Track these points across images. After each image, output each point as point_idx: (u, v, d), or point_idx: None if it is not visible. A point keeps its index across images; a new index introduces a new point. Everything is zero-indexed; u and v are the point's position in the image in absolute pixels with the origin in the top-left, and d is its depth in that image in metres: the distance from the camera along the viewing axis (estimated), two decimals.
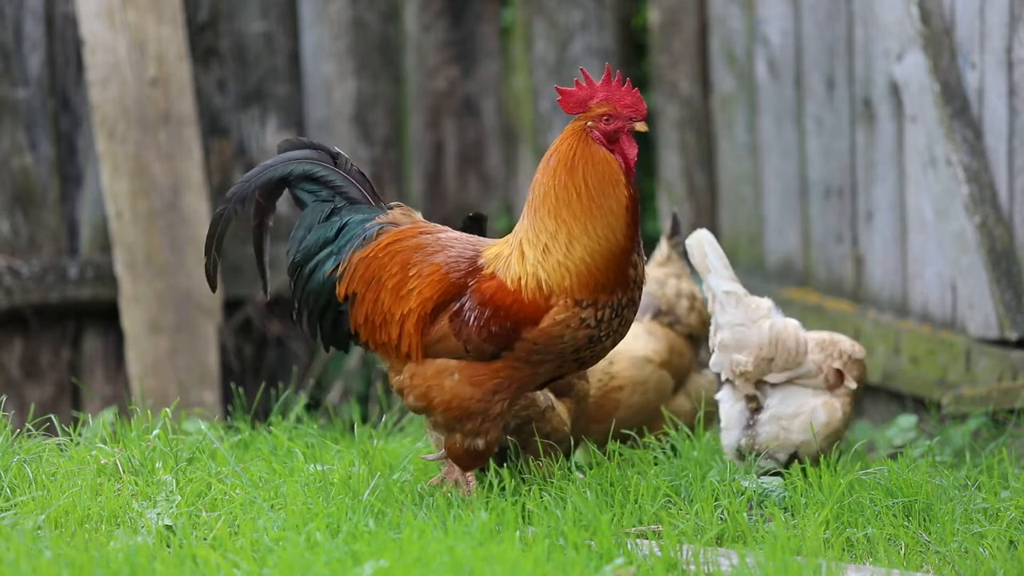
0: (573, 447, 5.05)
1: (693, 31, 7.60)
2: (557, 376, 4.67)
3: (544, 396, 4.92)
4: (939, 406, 6.30)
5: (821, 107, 6.99)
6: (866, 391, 6.69)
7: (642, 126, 4.57)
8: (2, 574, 4.07)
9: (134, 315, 7.29)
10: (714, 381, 5.42)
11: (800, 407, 5.17)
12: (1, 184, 7.25)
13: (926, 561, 4.49)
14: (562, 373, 4.65)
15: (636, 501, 4.67)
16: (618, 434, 5.43)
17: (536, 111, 7.85)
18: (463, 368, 4.59)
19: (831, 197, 6.98)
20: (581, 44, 7.77)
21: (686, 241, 5.28)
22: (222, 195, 7.56)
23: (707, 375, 5.66)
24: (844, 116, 6.89)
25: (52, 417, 5.44)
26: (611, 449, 5.24)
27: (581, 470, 5.20)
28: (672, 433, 5.37)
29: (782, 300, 6.09)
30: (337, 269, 4.71)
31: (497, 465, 4.79)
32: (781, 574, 4.14)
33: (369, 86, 7.77)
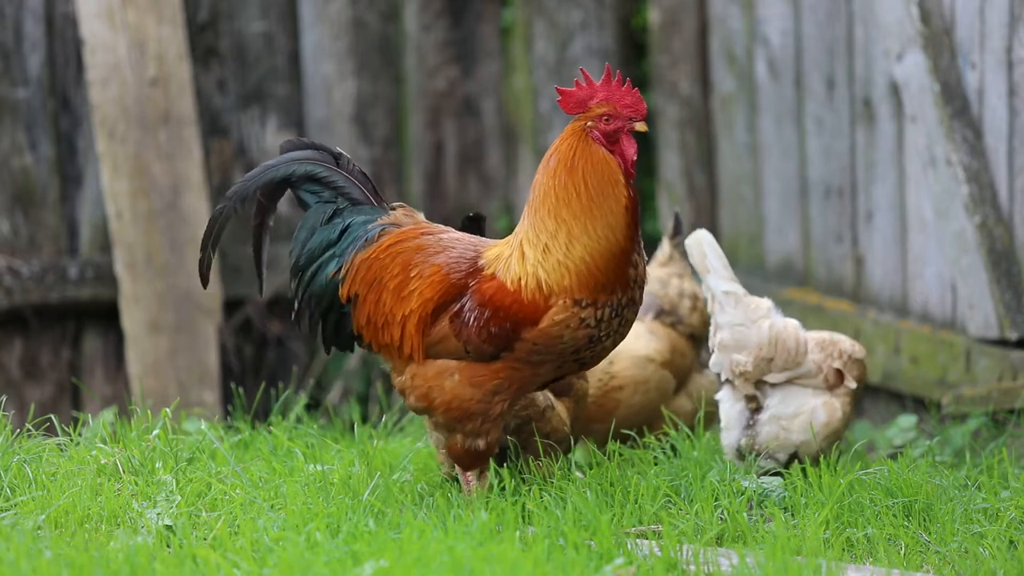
0: (572, 446, 5.05)
1: (693, 31, 7.60)
2: (558, 377, 4.66)
3: (544, 396, 4.92)
4: (939, 406, 6.29)
5: (821, 107, 6.99)
6: (866, 391, 6.69)
7: (642, 126, 4.57)
8: (2, 574, 4.07)
9: (134, 315, 7.29)
10: (716, 381, 5.42)
11: (800, 407, 5.16)
12: (1, 184, 7.24)
13: (926, 561, 4.49)
14: (563, 374, 4.65)
15: (636, 501, 4.66)
16: (618, 434, 5.42)
17: (536, 111, 7.84)
18: (463, 369, 4.59)
19: (831, 197, 6.98)
20: (581, 44, 7.77)
21: (685, 241, 5.27)
22: (222, 195, 7.55)
23: (709, 375, 5.65)
24: (844, 116, 6.89)
25: (52, 417, 5.43)
26: (611, 449, 5.24)
27: (581, 470, 5.20)
28: (672, 433, 5.37)
29: (782, 300, 6.10)
30: (340, 271, 4.70)
31: (497, 465, 4.79)
32: (781, 574, 4.13)
33: (369, 86, 7.77)
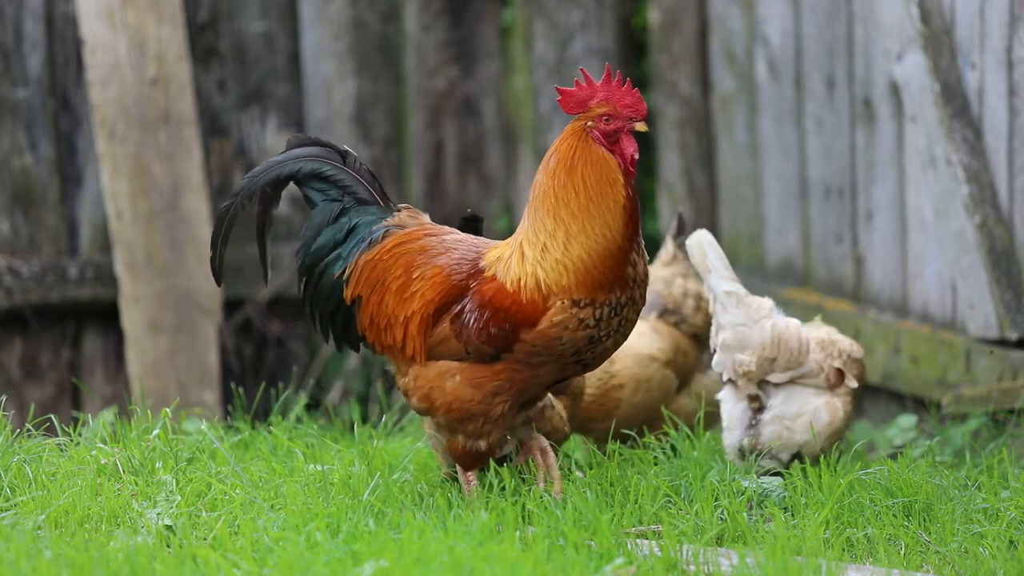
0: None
1: (693, 31, 7.60)
2: (561, 379, 4.65)
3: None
4: (939, 406, 6.29)
5: (821, 107, 6.99)
6: (866, 391, 6.69)
7: (642, 126, 4.56)
8: (2, 574, 4.07)
9: (134, 315, 7.29)
10: (718, 381, 5.42)
11: (803, 407, 5.16)
12: (1, 184, 7.24)
13: (926, 561, 4.49)
14: (566, 376, 4.64)
15: (636, 501, 4.66)
16: (618, 434, 5.42)
17: (536, 111, 7.84)
18: (464, 370, 4.58)
19: (831, 197, 6.98)
20: (581, 44, 7.77)
21: (686, 242, 5.27)
22: (222, 195, 7.56)
23: (712, 375, 5.63)
24: (844, 116, 6.89)
25: (52, 417, 5.43)
26: (611, 449, 5.24)
27: (581, 470, 5.20)
28: (672, 433, 5.36)
29: (782, 300, 6.09)
30: (344, 272, 4.70)
31: (497, 465, 4.79)
32: (781, 574, 4.13)
33: (369, 86, 7.77)
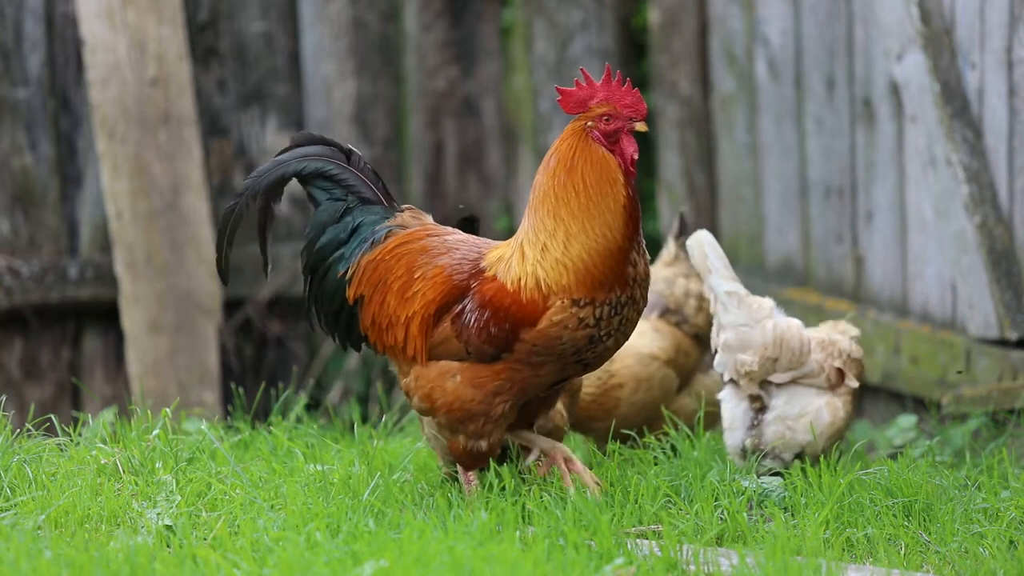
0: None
1: (693, 31, 7.60)
2: (563, 379, 4.65)
3: None
4: (939, 406, 6.29)
5: (821, 107, 6.99)
6: (866, 391, 6.69)
7: (642, 126, 4.56)
8: (2, 574, 4.07)
9: (134, 315, 7.29)
10: (720, 382, 5.41)
11: (805, 407, 5.16)
12: (1, 184, 7.24)
13: (926, 561, 4.49)
14: (567, 376, 4.63)
15: (636, 501, 4.66)
16: (618, 434, 5.42)
17: (536, 111, 7.84)
18: (465, 370, 4.59)
19: (831, 197, 6.98)
20: (581, 44, 7.77)
21: (686, 242, 5.27)
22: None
23: (714, 375, 5.63)
24: (844, 116, 6.89)
25: (52, 417, 5.43)
26: (611, 449, 5.24)
27: None
28: (672, 433, 5.36)
29: (782, 300, 6.09)
30: (347, 272, 4.71)
31: (497, 465, 4.79)
32: (781, 574, 4.13)
33: (369, 86, 7.77)
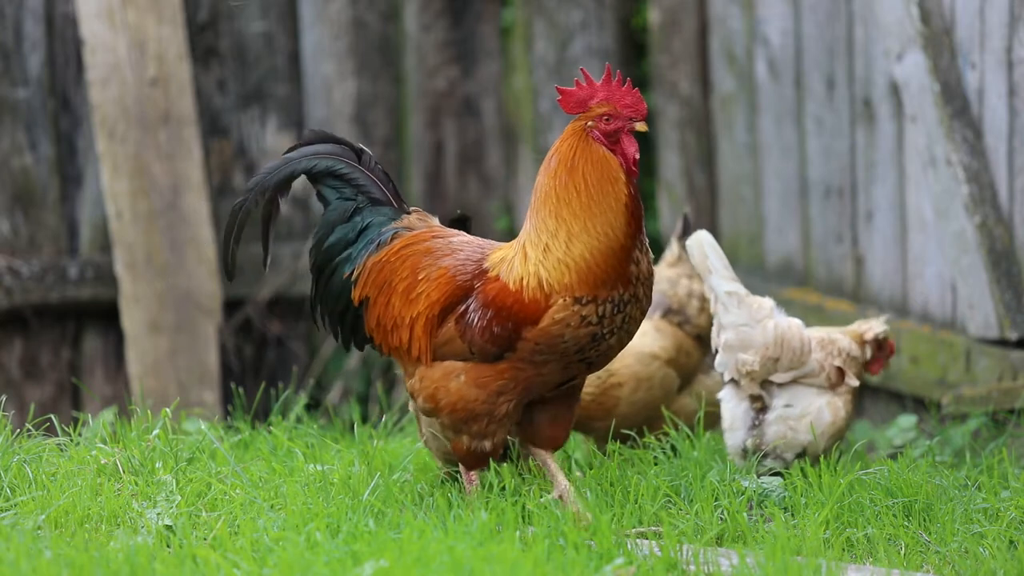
0: None
1: (693, 31, 7.60)
2: (566, 379, 4.64)
3: None
4: (939, 406, 6.29)
5: (821, 107, 6.99)
6: (866, 391, 6.69)
7: (642, 126, 4.56)
8: (2, 574, 4.07)
9: (134, 315, 7.29)
10: (721, 382, 5.41)
11: (807, 407, 5.16)
12: (1, 184, 7.24)
13: (926, 561, 4.49)
14: (571, 375, 4.63)
15: (636, 501, 4.66)
16: (618, 433, 5.42)
17: (536, 111, 7.84)
18: (469, 370, 4.59)
19: (831, 197, 6.98)
20: (581, 44, 7.77)
21: (686, 242, 5.27)
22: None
23: (715, 376, 5.62)
24: (844, 116, 6.89)
25: (52, 417, 5.43)
26: (611, 449, 5.24)
27: (581, 470, 5.20)
28: (672, 433, 5.36)
29: (782, 300, 6.08)
30: (353, 273, 4.71)
31: (497, 464, 4.79)
32: (781, 574, 4.13)
33: (369, 86, 7.77)
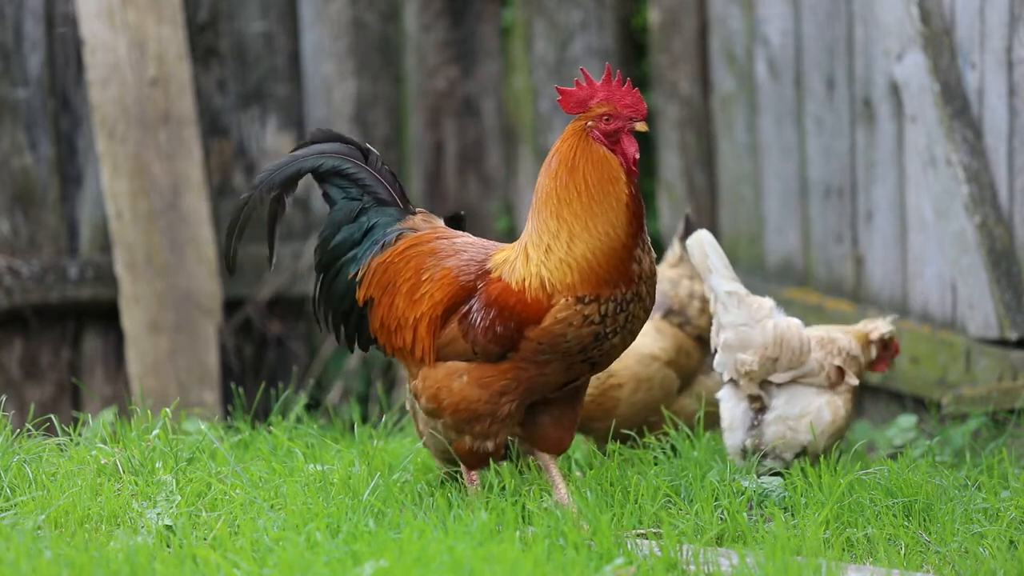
0: None
1: (693, 31, 7.60)
2: (570, 379, 4.64)
3: None
4: (939, 406, 6.29)
5: (821, 107, 6.99)
6: (866, 391, 6.69)
7: (642, 126, 4.56)
8: (2, 574, 4.07)
9: (134, 315, 7.29)
10: (721, 383, 5.40)
11: (806, 407, 5.16)
12: (1, 184, 7.24)
13: (926, 561, 4.49)
14: (575, 376, 4.62)
15: (636, 501, 4.66)
16: (618, 434, 5.42)
17: (536, 111, 7.84)
18: (472, 370, 4.59)
19: (831, 197, 6.98)
20: (581, 44, 7.77)
21: (686, 242, 5.27)
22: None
23: (716, 377, 5.62)
24: (844, 116, 6.89)
25: (52, 417, 5.43)
26: (611, 449, 5.24)
27: (581, 470, 5.20)
28: (672, 433, 5.36)
29: (782, 300, 6.08)
30: (357, 274, 4.72)
31: (496, 464, 4.79)
32: (781, 574, 4.13)
33: (369, 86, 7.77)
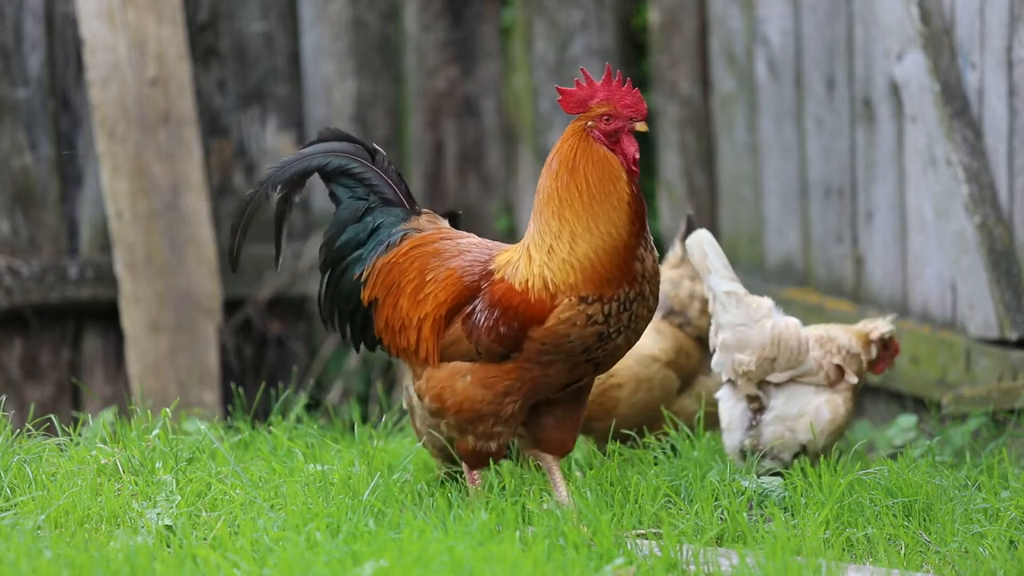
0: None
1: (693, 31, 7.60)
2: (574, 379, 4.63)
3: None
4: (939, 406, 6.29)
5: (821, 107, 6.99)
6: (866, 391, 6.69)
7: (642, 126, 4.56)
8: (2, 574, 4.07)
9: (134, 315, 7.29)
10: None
11: (804, 406, 5.16)
12: (1, 184, 7.24)
13: (926, 561, 4.49)
14: (579, 376, 4.62)
15: (636, 501, 4.66)
16: (618, 434, 5.42)
17: (536, 111, 7.84)
18: (476, 370, 4.59)
19: (831, 197, 6.98)
20: (581, 44, 7.77)
21: (686, 242, 5.26)
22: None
23: (716, 377, 5.62)
24: (844, 116, 6.89)
25: (52, 417, 5.43)
26: (611, 449, 5.24)
27: (581, 470, 5.20)
28: (672, 433, 5.36)
29: (782, 300, 6.08)
30: (362, 274, 4.72)
31: (496, 464, 4.79)
32: (781, 574, 4.13)
33: (369, 86, 7.77)
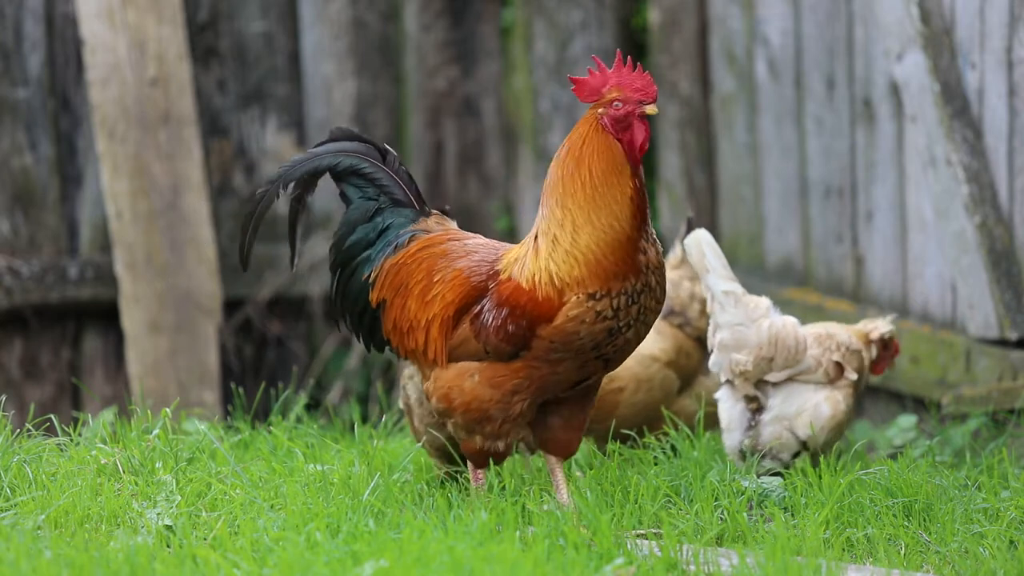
0: None
1: (693, 31, 7.60)
2: (583, 377, 4.63)
3: None
4: (939, 406, 6.29)
5: (821, 107, 6.99)
6: (866, 391, 6.68)
7: (652, 108, 4.53)
8: (2, 574, 4.07)
9: (134, 315, 7.29)
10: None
11: (803, 405, 5.16)
12: (1, 184, 7.24)
13: (926, 561, 4.49)
14: (588, 373, 4.61)
15: (636, 501, 4.66)
16: (618, 434, 5.42)
17: (536, 111, 7.84)
18: (483, 370, 4.59)
19: (831, 197, 6.98)
20: (581, 44, 7.77)
21: (684, 241, 5.26)
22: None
23: (715, 377, 5.62)
24: (844, 116, 6.89)
25: (52, 417, 5.43)
26: (611, 449, 5.24)
27: (581, 470, 5.20)
28: (672, 433, 5.36)
29: (782, 300, 6.09)
30: (371, 275, 4.72)
31: (496, 464, 4.78)
32: (781, 574, 4.13)
33: (369, 86, 7.77)
